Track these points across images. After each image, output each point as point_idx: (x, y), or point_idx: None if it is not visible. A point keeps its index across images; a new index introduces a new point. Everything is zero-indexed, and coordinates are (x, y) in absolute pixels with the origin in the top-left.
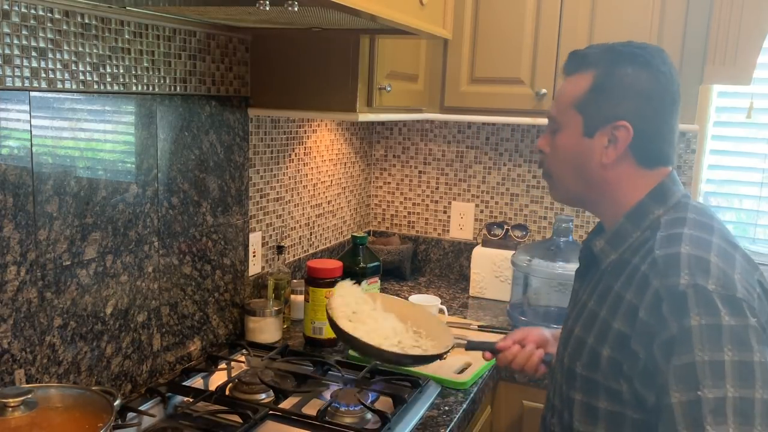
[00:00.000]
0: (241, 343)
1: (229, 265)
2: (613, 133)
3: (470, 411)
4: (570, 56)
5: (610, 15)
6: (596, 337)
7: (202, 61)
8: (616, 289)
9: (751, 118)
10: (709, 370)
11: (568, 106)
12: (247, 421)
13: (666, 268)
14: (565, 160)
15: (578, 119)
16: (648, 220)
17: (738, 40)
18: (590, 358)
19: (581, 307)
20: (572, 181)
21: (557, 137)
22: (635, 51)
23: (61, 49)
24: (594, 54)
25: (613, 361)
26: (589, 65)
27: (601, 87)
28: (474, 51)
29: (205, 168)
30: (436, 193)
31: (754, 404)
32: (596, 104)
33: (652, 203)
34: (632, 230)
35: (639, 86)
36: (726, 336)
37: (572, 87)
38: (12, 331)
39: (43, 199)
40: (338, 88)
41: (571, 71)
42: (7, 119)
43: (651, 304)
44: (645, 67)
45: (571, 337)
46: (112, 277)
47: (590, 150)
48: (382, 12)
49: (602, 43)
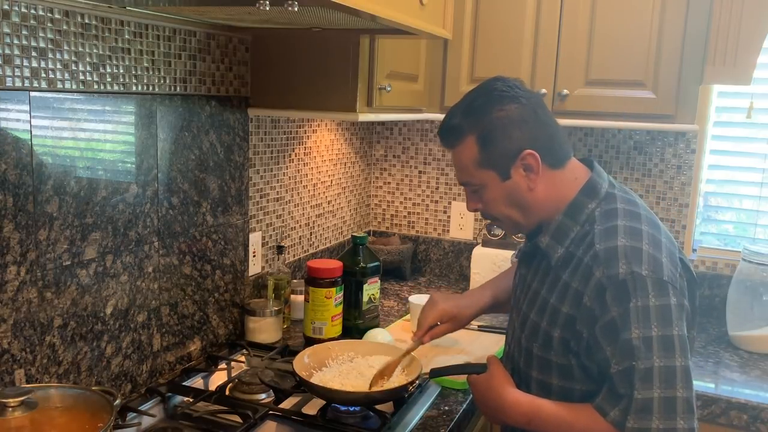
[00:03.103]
0: (241, 343)
1: (229, 265)
2: (524, 163)
3: (470, 411)
4: (442, 135)
5: (610, 15)
6: (548, 322)
7: (202, 61)
8: (564, 278)
9: (751, 118)
10: (642, 344)
11: (474, 169)
12: (247, 421)
13: (606, 260)
14: (501, 205)
15: (490, 173)
16: (584, 215)
17: (738, 40)
18: (544, 340)
19: (534, 294)
20: (516, 214)
21: (483, 195)
22: (488, 95)
23: (61, 49)
24: (459, 121)
25: (563, 341)
26: (462, 132)
27: (488, 140)
28: (474, 51)
29: (205, 168)
30: (436, 193)
31: (675, 371)
32: (495, 153)
33: (584, 198)
34: (571, 225)
35: (513, 116)
36: (653, 315)
37: (465, 154)
38: (12, 331)
39: (43, 199)
40: (338, 88)
41: (452, 144)
42: (7, 119)
43: (594, 292)
44: (504, 100)
45: (527, 321)
46: (112, 277)
47: (515, 186)
48: (382, 12)
49: (456, 106)
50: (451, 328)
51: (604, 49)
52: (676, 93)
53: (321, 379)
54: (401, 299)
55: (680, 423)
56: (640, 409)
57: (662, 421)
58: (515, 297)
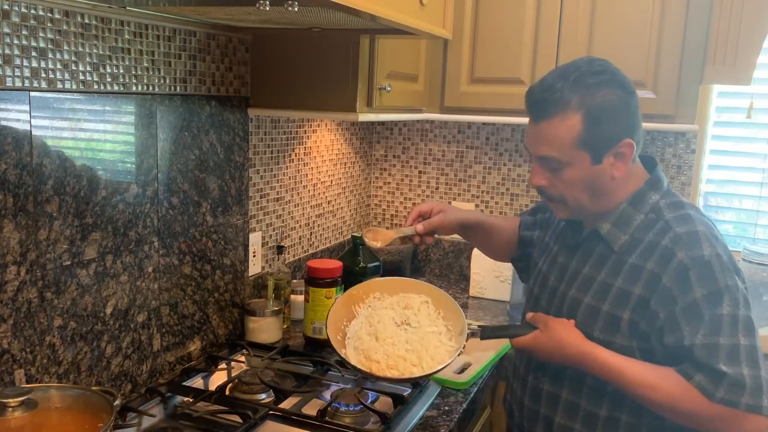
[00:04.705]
0: (241, 343)
1: (229, 265)
2: (619, 151)
3: (470, 411)
4: (539, 102)
5: (610, 15)
6: (613, 305)
7: (202, 61)
8: (633, 262)
9: (751, 118)
10: (729, 322)
11: (569, 146)
12: (247, 421)
13: (690, 242)
14: (577, 187)
15: (583, 155)
16: (648, 205)
17: (738, 40)
18: (608, 323)
19: (586, 279)
20: (586, 199)
21: (564, 173)
22: (600, 75)
23: (61, 49)
24: (568, 94)
25: (632, 323)
26: (569, 105)
27: (595, 121)
28: (474, 51)
29: (205, 168)
30: (436, 193)
31: (757, 350)
32: (597, 137)
33: (649, 190)
34: (636, 213)
35: (622, 104)
36: (740, 295)
37: (564, 129)
38: (12, 331)
39: (43, 199)
40: (338, 88)
41: (550, 114)
42: (7, 119)
43: (676, 272)
44: (613, 84)
45: (578, 305)
46: (112, 277)
47: (601, 172)
48: (382, 12)
49: (558, 76)
50: (440, 220)
51: (604, 49)
52: (676, 93)
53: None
54: None
55: (765, 401)
56: (733, 384)
57: (751, 397)
58: (545, 283)
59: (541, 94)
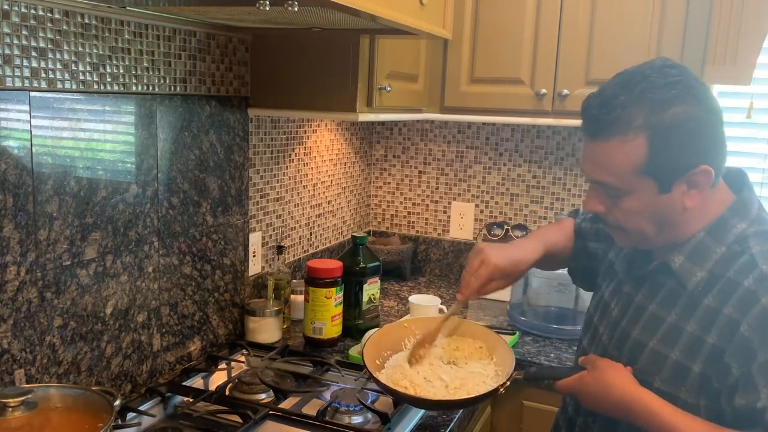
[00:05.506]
0: (241, 343)
1: (229, 265)
2: (692, 179)
3: (470, 411)
4: (595, 119)
5: (611, 15)
6: (684, 353)
7: (202, 61)
8: (708, 303)
9: (751, 118)
10: None
11: (630, 173)
12: (247, 421)
13: None
14: (640, 218)
15: (648, 182)
16: (732, 235)
17: (738, 40)
18: (674, 373)
19: (652, 319)
20: (651, 229)
21: (624, 201)
22: (672, 89)
23: (61, 49)
24: (631, 112)
25: (703, 378)
26: (631, 126)
27: (663, 144)
28: (474, 51)
29: (205, 168)
30: (436, 193)
31: None
32: (665, 163)
33: (733, 217)
34: (715, 245)
35: (698, 124)
36: None
37: (624, 153)
38: (12, 331)
39: (43, 199)
40: (338, 88)
41: (608, 136)
42: (7, 119)
43: (758, 320)
44: (691, 101)
45: (642, 350)
46: (112, 277)
47: (670, 202)
48: (382, 12)
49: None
50: (503, 285)
51: (604, 49)
52: None
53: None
54: (401, 299)
55: None
56: None
57: None
58: (606, 313)
59: (599, 109)
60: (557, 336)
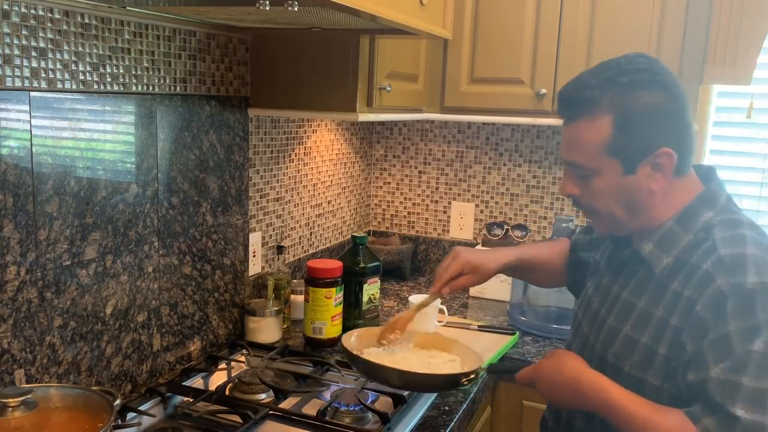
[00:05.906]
0: (241, 343)
1: (229, 265)
2: (656, 161)
3: (470, 411)
4: (566, 103)
5: (610, 15)
6: (652, 337)
7: (202, 61)
8: (674, 288)
9: (751, 118)
10: (759, 361)
11: (597, 152)
12: (247, 421)
13: (733, 267)
14: (610, 199)
15: (614, 162)
16: (699, 223)
17: (738, 40)
18: (643, 357)
19: (625, 306)
20: (622, 213)
21: (594, 182)
22: (638, 74)
23: (61, 49)
24: (598, 94)
25: (666, 360)
26: (598, 107)
27: (627, 125)
28: (474, 51)
29: (205, 168)
30: (436, 193)
31: None
32: (628, 143)
33: (701, 206)
34: (682, 233)
35: (662, 108)
36: None
37: (592, 133)
38: (12, 331)
39: (43, 199)
40: (338, 88)
41: (577, 117)
42: (7, 119)
43: (711, 300)
44: (655, 85)
45: (617, 335)
46: (112, 277)
47: (636, 184)
48: (382, 12)
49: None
50: (472, 280)
51: (604, 49)
52: None
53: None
54: (401, 299)
55: None
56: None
57: None
58: (588, 307)
59: (569, 94)
60: (557, 336)
